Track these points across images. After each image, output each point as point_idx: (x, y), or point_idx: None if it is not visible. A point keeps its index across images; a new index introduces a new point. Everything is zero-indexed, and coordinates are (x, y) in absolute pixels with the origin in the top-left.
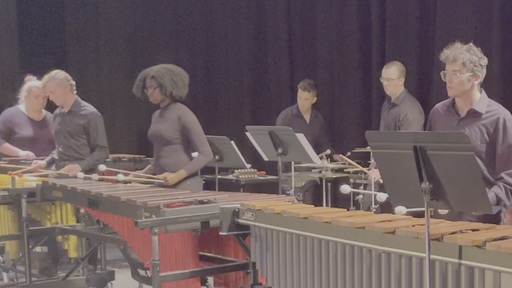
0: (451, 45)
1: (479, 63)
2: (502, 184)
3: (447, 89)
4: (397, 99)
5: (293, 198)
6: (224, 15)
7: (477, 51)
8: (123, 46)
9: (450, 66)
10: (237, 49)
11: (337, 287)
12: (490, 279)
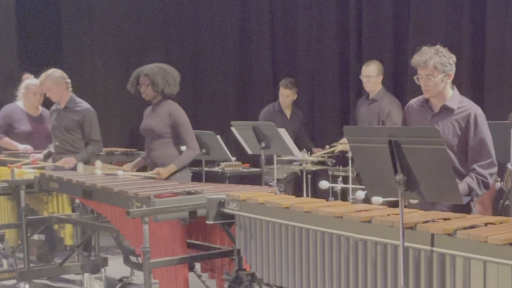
0: (420, 51)
1: (448, 63)
2: (474, 175)
3: (423, 92)
4: (377, 95)
5: (275, 189)
6: (210, 17)
7: (445, 51)
8: (116, 46)
9: (423, 71)
10: (222, 50)
11: (317, 273)
12: (460, 265)
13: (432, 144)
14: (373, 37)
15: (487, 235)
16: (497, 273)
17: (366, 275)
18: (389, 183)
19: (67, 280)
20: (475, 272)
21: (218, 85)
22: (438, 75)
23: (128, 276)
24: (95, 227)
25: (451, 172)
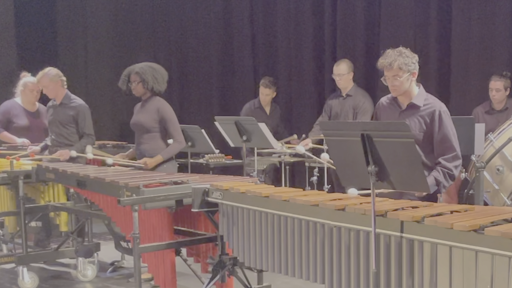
0: (385, 54)
1: (412, 62)
2: (440, 168)
3: (391, 91)
4: (350, 91)
5: (256, 179)
6: (195, 20)
7: (407, 52)
8: (108, 46)
9: (389, 72)
10: (206, 50)
11: (294, 258)
12: (428, 250)
13: (401, 137)
14: (346, 39)
15: (453, 222)
16: (462, 257)
17: (340, 260)
18: (361, 174)
19: (62, 264)
20: (442, 257)
21: (203, 82)
22: (403, 75)
23: (119, 260)
24: (88, 214)
25: (419, 163)
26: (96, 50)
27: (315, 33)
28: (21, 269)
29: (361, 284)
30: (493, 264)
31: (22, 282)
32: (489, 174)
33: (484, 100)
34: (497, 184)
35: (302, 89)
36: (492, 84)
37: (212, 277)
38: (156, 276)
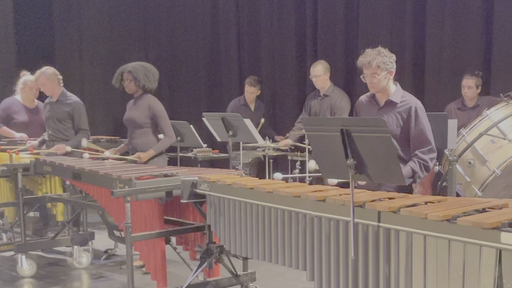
0: (364, 53)
1: (389, 61)
2: (417, 160)
3: (369, 88)
4: (327, 91)
5: (241, 172)
6: (185, 22)
7: (385, 52)
8: (101, 46)
9: (368, 70)
10: (195, 51)
11: (278, 246)
12: (403, 238)
13: (378, 132)
14: (327, 40)
15: (427, 212)
16: (435, 246)
17: (321, 248)
18: (341, 167)
19: (59, 252)
20: (417, 245)
21: (191, 81)
22: (381, 73)
23: (112, 248)
24: (83, 205)
25: (396, 157)
26: (90, 50)
27: (297, 34)
28: (20, 257)
29: (340, 271)
30: (465, 252)
31: (21, 269)
32: (461, 167)
33: (457, 97)
34: (469, 177)
35: (285, 87)
36: (465, 82)
37: (200, 264)
38: (147, 263)
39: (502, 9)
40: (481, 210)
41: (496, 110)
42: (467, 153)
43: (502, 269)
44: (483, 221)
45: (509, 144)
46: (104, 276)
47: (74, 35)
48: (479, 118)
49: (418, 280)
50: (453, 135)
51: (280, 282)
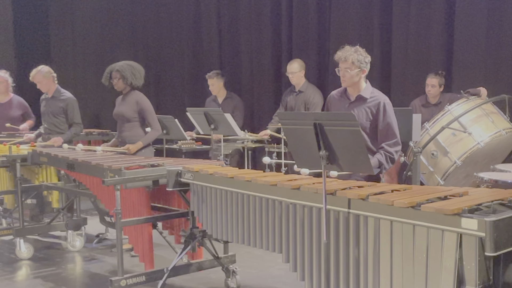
0: (343, 48)
1: (364, 61)
2: (383, 152)
3: (341, 81)
4: (302, 87)
5: (222, 163)
6: (170, 24)
7: (362, 51)
8: (93, 46)
9: (342, 64)
10: (179, 50)
11: (256, 231)
12: (371, 224)
13: (348, 126)
14: (301, 40)
15: (394, 200)
16: (401, 230)
17: (296, 232)
18: (314, 158)
19: (54, 236)
20: (384, 230)
21: (176, 78)
22: (354, 69)
23: (104, 232)
24: (77, 193)
25: (364, 148)
26: (83, 51)
27: (273, 34)
28: (18, 241)
29: (313, 253)
30: (428, 236)
31: (19, 252)
32: (425, 158)
33: (421, 94)
34: (432, 167)
35: (262, 84)
36: (429, 80)
37: (184, 247)
38: (135, 246)
39: (462, 12)
40: (443, 197)
41: (457, 106)
42: (430, 145)
43: (463, 252)
44: (445, 208)
45: (469, 137)
46: (96, 258)
47: (68, 37)
48: (441, 113)
49: (385, 262)
50: (417, 129)
51: (258, 264)
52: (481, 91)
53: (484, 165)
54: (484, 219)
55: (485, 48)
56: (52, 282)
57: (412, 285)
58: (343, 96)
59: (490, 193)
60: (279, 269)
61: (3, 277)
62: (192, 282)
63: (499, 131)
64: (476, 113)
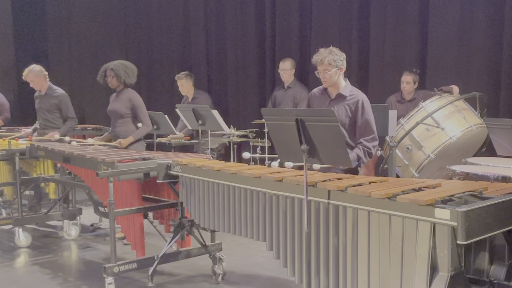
0: (318, 52)
1: (340, 59)
2: (361, 147)
3: (322, 82)
4: (291, 84)
5: (209, 156)
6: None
7: (337, 51)
8: (88, 46)
9: (320, 67)
10: (169, 50)
11: (241, 220)
12: (350, 214)
13: (328, 122)
14: (284, 41)
15: (371, 191)
16: (378, 220)
17: (279, 222)
18: (296, 152)
19: (51, 225)
20: (362, 220)
21: (166, 76)
22: (332, 69)
23: (97, 222)
24: (72, 184)
25: (344, 143)
26: (78, 50)
27: (257, 35)
28: (17, 230)
29: (295, 242)
30: (403, 225)
31: (18, 240)
32: (400, 152)
33: (397, 91)
34: (407, 160)
35: (247, 81)
36: (404, 78)
37: (174, 236)
38: (127, 235)
39: (436, 15)
40: (417, 189)
41: (431, 102)
42: (405, 140)
43: (436, 240)
44: (419, 199)
45: (442, 132)
46: (90, 246)
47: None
48: (415, 109)
49: (363, 250)
50: (393, 124)
51: (243, 251)
52: (453, 89)
53: (456, 159)
54: (456, 209)
55: (457, 48)
56: (49, 268)
57: (388, 271)
58: (323, 93)
59: (462, 185)
60: (263, 257)
61: (2, 264)
62: (181, 268)
63: (470, 127)
64: (448, 109)
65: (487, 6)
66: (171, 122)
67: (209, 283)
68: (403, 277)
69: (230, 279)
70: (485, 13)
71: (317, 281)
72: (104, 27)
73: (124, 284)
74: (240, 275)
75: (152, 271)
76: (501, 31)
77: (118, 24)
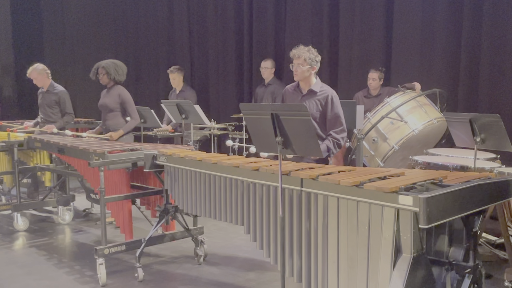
0: (297, 47)
1: (315, 60)
2: (331, 138)
3: (294, 75)
4: (270, 81)
5: (192, 147)
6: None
7: (314, 51)
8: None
9: (296, 61)
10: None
11: (221, 206)
12: (321, 200)
13: (301, 116)
14: (260, 41)
15: (340, 179)
16: (346, 206)
17: (255, 208)
18: (271, 143)
19: (47, 210)
20: (332, 206)
21: (152, 74)
22: (305, 66)
23: (89, 208)
24: (66, 173)
25: (315, 135)
26: (72, 50)
27: (236, 36)
28: (16, 215)
29: (270, 226)
30: (370, 211)
31: (16, 224)
32: (367, 143)
33: (364, 87)
34: (373, 151)
35: (227, 79)
36: (370, 75)
37: (159, 221)
38: (117, 220)
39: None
40: (383, 177)
41: (395, 98)
42: (372, 132)
43: (400, 224)
44: (384, 186)
45: (405, 125)
46: (83, 230)
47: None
48: (381, 104)
49: (332, 233)
50: (361, 118)
51: (223, 234)
52: (416, 86)
53: (418, 150)
54: (418, 196)
55: (419, 48)
56: (45, 250)
57: (356, 253)
58: (296, 90)
59: (424, 174)
60: (241, 239)
61: (2, 246)
62: (166, 250)
63: (431, 120)
64: (411, 104)
65: (447, 9)
66: (157, 116)
67: (191, 264)
68: (370, 258)
69: (211, 260)
70: (445, 16)
71: (291, 262)
72: (96, 28)
73: (114, 264)
74: (220, 256)
75: (140, 252)
76: (459, 33)
77: (108, 26)
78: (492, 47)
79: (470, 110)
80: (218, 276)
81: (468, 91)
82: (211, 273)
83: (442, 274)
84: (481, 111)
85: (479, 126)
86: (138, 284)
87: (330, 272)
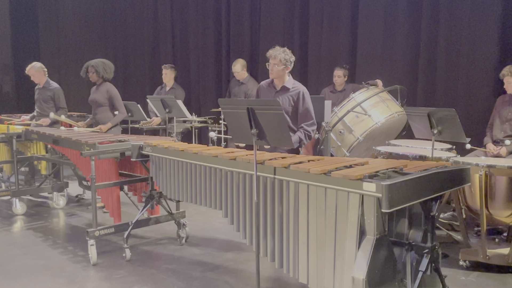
0: (274, 48)
1: (289, 60)
2: (302, 130)
3: (269, 74)
4: (244, 80)
5: (175, 139)
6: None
7: (289, 52)
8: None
9: (272, 60)
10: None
11: (201, 192)
12: (292, 187)
13: (274, 110)
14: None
15: (310, 168)
16: (316, 192)
17: (233, 194)
18: (247, 134)
19: (43, 196)
20: (302, 192)
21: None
22: (280, 66)
23: (82, 194)
24: (61, 162)
25: (287, 128)
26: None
27: (215, 37)
28: (14, 200)
29: (246, 210)
30: (337, 197)
31: (15, 209)
32: (334, 135)
33: (330, 83)
34: (340, 142)
35: (206, 77)
36: (335, 72)
37: (145, 205)
38: (106, 204)
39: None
40: (348, 166)
41: (360, 94)
42: (338, 125)
43: (364, 209)
44: (350, 174)
45: (369, 118)
46: (76, 214)
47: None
48: (347, 99)
49: (303, 217)
50: (328, 112)
51: (203, 218)
52: (378, 82)
53: (381, 141)
54: (381, 183)
55: (382, 48)
56: (41, 233)
57: (324, 235)
58: (270, 86)
59: (386, 163)
60: (219, 222)
61: (2, 229)
62: (151, 232)
63: (393, 114)
64: (374, 99)
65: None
66: (143, 110)
67: (174, 245)
68: (337, 239)
69: (192, 242)
70: (405, 19)
71: (265, 243)
72: (87, 29)
73: (104, 245)
74: (201, 238)
75: (127, 234)
76: (418, 34)
77: (99, 28)
78: (448, 47)
79: (428, 105)
80: (199, 256)
81: (426, 87)
82: (193, 253)
83: (403, 254)
84: (438, 105)
85: (436, 120)
86: (126, 263)
87: (301, 252)
